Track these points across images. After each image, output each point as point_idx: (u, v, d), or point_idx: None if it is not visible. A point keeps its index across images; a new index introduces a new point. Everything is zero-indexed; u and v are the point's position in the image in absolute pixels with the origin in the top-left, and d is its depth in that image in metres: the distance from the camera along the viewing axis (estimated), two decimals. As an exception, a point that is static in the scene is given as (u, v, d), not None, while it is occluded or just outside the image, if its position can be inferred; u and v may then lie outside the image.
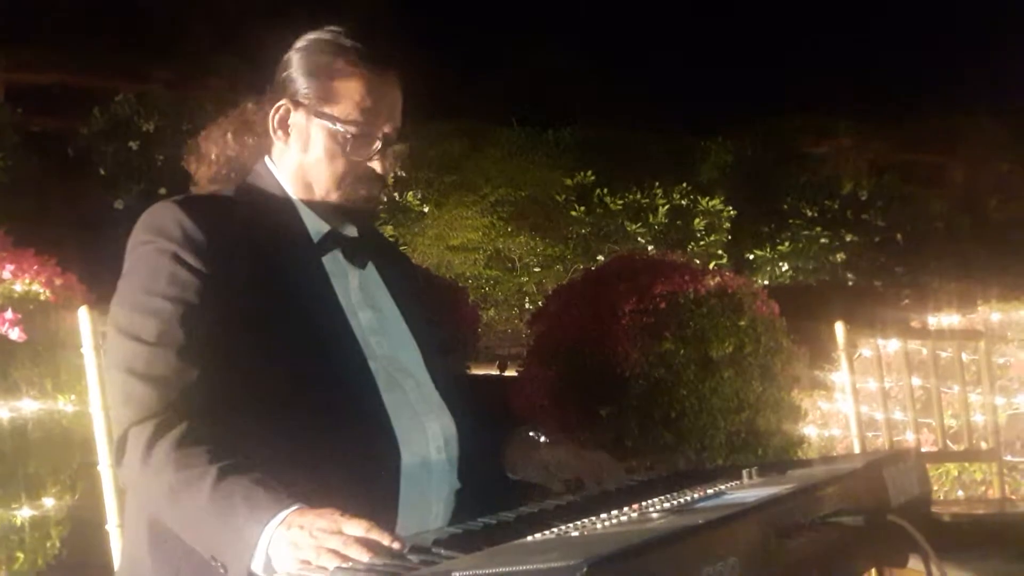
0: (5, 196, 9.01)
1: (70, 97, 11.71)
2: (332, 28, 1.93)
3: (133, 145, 10.33)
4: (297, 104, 1.89)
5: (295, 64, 1.91)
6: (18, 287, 3.73)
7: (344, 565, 1.34)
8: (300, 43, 1.94)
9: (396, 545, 1.38)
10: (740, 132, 16.68)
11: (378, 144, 1.88)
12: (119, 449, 1.66)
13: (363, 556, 1.37)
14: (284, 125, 1.91)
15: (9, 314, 3.52)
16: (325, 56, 1.89)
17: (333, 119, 1.87)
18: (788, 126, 16.65)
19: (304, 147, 1.90)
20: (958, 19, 22.24)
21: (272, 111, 1.91)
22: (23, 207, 8.85)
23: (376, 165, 1.90)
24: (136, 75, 12.19)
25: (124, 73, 12.25)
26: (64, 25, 13.28)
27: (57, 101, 11.85)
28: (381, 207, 2.08)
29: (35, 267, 3.83)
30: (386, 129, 1.90)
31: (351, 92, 1.87)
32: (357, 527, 1.42)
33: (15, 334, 3.52)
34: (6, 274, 3.73)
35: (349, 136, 1.86)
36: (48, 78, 12.64)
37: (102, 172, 10.45)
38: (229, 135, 1.98)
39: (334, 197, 1.90)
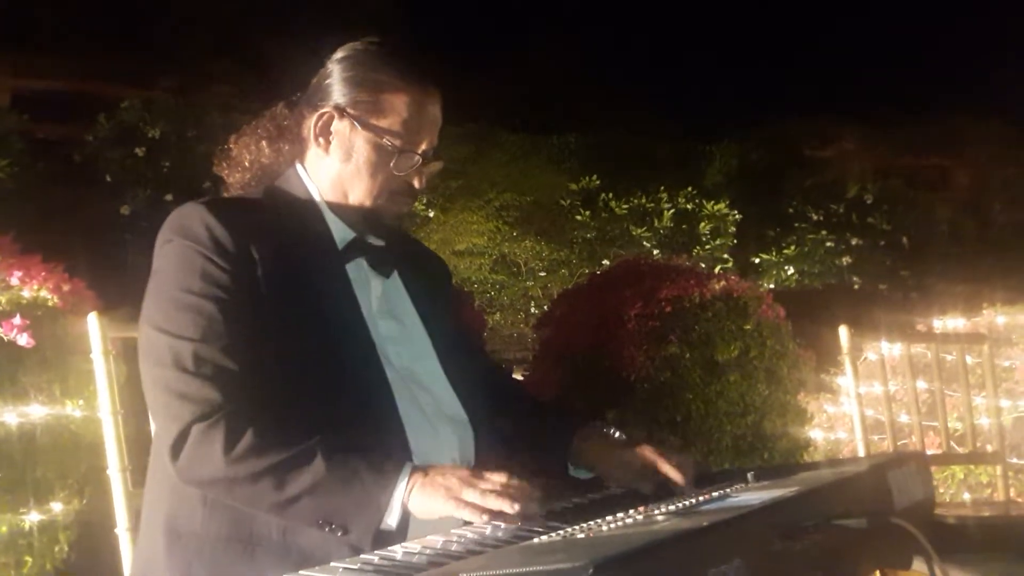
0: (11, 202, 9.02)
1: (76, 103, 11.72)
2: (375, 40, 1.94)
3: (139, 152, 10.34)
4: (343, 113, 1.89)
5: (340, 73, 1.91)
6: (26, 293, 3.75)
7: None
8: (344, 52, 1.93)
9: (533, 499, 1.48)
10: (745, 136, 16.67)
11: (418, 160, 1.89)
12: (178, 444, 1.66)
13: (503, 507, 1.46)
14: (326, 133, 1.91)
15: (17, 320, 3.54)
16: (375, 69, 1.89)
17: (381, 132, 1.87)
18: (793, 130, 16.64)
19: (346, 156, 1.89)
20: (963, 22, 22.23)
21: (315, 118, 1.91)
22: (29, 213, 8.86)
23: (414, 181, 1.91)
24: (142, 82, 12.19)
25: (130, 80, 12.25)
26: (70, 32, 13.31)
27: (63, 107, 11.86)
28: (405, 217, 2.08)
29: (43, 273, 3.84)
30: (425, 146, 1.91)
31: (400, 107, 1.88)
32: (488, 481, 1.51)
33: (23, 340, 3.54)
34: (14, 280, 3.74)
35: (394, 150, 1.87)
36: (54, 84, 12.66)
37: (108, 179, 10.45)
38: (264, 142, 1.97)
39: (367, 208, 1.90)
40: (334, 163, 1.91)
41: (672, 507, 1.46)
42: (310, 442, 1.62)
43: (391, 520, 1.57)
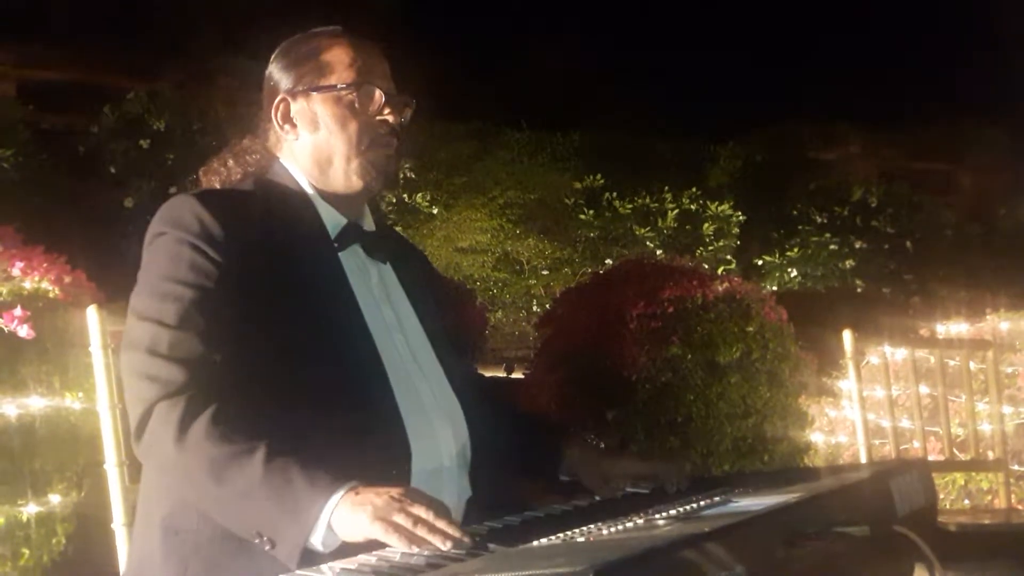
0: (15, 193, 9.03)
1: (81, 95, 11.72)
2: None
3: (144, 143, 10.33)
4: (294, 94, 1.92)
5: (278, 67, 1.96)
6: (27, 284, 3.74)
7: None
8: (278, 49, 1.99)
9: (460, 534, 1.41)
10: (750, 137, 16.66)
11: (380, 95, 1.90)
12: (141, 424, 1.64)
13: (433, 540, 1.39)
14: (287, 118, 1.93)
15: (18, 311, 3.53)
16: (305, 44, 1.95)
17: (331, 87, 1.89)
18: (798, 132, 16.62)
19: (314, 127, 1.91)
20: (969, 26, 22.21)
21: (272, 111, 1.94)
22: (33, 204, 8.86)
23: (388, 117, 1.92)
24: (147, 73, 12.18)
25: (135, 71, 12.25)
26: (75, 23, 13.31)
27: (68, 98, 11.85)
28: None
29: (44, 265, 3.83)
30: (383, 85, 1.92)
31: (342, 56, 1.92)
32: (422, 507, 1.44)
33: (24, 331, 3.53)
34: (15, 271, 3.73)
35: (351, 94, 1.89)
36: (59, 75, 12.66)
37: (112, 170, 10.45)
38: (230, 161, 2.00)
39: (356, 165, 1.90)
40: (307, 139, 1.93)
41: (674, 512, 1.45)
42: (257, 440, 1.56)
43: (315, 539, 1.49)
